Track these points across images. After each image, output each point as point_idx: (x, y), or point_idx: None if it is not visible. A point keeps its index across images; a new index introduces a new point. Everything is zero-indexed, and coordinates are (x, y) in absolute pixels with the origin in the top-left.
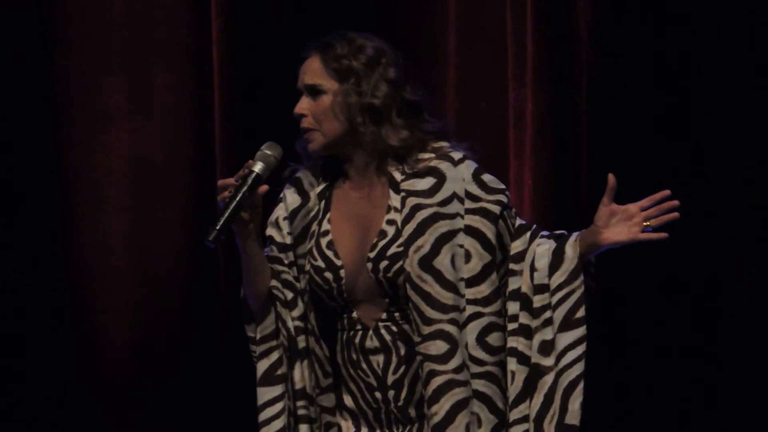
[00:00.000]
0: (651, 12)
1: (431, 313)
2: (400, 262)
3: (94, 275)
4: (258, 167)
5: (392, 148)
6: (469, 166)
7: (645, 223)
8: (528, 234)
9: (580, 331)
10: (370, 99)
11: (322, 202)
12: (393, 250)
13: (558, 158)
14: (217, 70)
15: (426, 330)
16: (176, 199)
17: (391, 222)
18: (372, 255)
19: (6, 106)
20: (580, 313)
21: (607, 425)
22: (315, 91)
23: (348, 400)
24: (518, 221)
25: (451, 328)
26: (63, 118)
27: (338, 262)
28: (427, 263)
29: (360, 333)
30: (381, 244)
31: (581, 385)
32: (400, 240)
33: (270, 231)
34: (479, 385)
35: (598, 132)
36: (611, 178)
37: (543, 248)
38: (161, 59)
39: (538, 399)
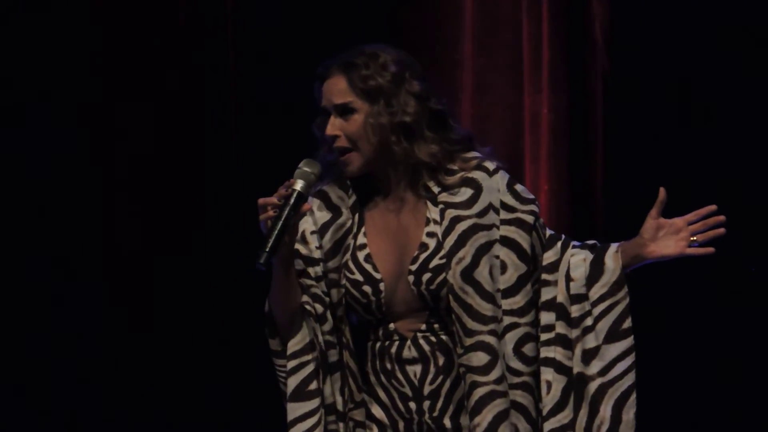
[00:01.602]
0: (666, 16)
1: (473, 324)
2: (443, 274)
3: (108, 266)
4: (299, 185)
5: (425, 162)
6: (503, 177)
7: (692, 238)
8: (559, 244)
9: (628, 342)
10: (401, 117)
11: (356, 216)
12: (435, 262)
13: (574, 163)
14: (233, 61)
15: (468, 341)
16: (191, 190)
17: (431, 234)
18: (414, 268)
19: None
20: (627, 323)
21: None
22: (346, 110)
23: (377, 411)
24: (548, 231)
25: (491, 339)
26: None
27: (377, 276)
28: (468, 275)
29: (397, 343)
30: (423, 256)
31: (634, 396)
32: (442, 252)
33: (296, 246)
34: (516, 395)
35: (614, 137)
36: (662, 191)
37: (577, 258)
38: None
39: (585, 409)
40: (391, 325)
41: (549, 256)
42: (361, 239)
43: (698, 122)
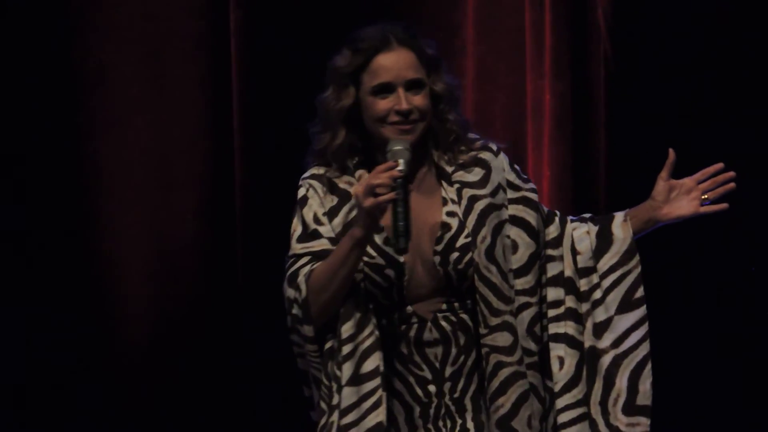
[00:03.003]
0: (667, 1)
1: (498, 304)
2: (470, 254)
3: (112, 265)
4: (403, 165)
5: (453, 133)
6: (505, 157)
7: (703, 197)
8: (557, 219)
9: (641, 311)
10: (448, 88)
11: None
12: (461, 241)
13: (576, 149)
14: (235, 62)
15: (494, 321)
16: (193, 189)
17: (451, 214)
18: (439, 248)
19: (24, 97)
20: (639, 293)
21: None
22: (419, 85)
23: (390, 401)
24: (545, 208)
25: (512, 320)
26: (81, 110)
27: (400, 258)
28: (490, 254)
29: (416, 326)
30: (447, 236)
31: (649, 366)
32: (466, 231)
33: (314, 226)
34: (532, 376)
35: (616, 123)
36: (671, 153)
37: (580, 231)
38: (179, 50)
39: (599, 382)
40: (409, 308)
41: (551, 231)
42: None
43: (700, 107)
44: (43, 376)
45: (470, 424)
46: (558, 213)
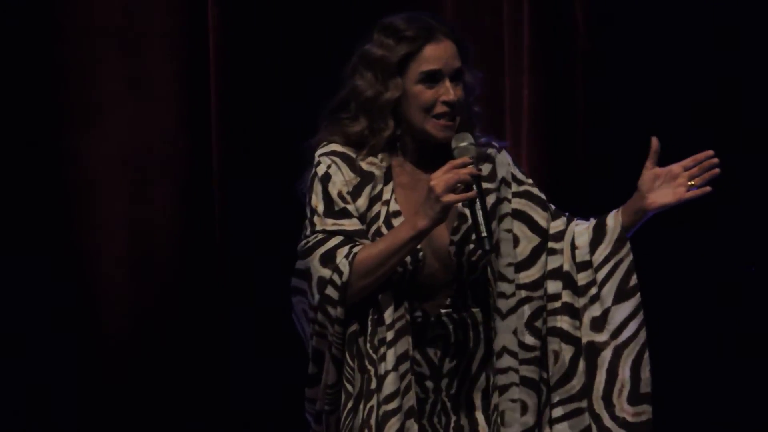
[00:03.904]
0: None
1: (497, 300)
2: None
3: (90, 261)
4: (475, 163)
5: (469, 130)
6: (506, 154)
7: (690, 183)
8: (564, 216)
9: (636, 299)
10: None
11: (389, 184)
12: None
13: (554, 146)
14: (213, 58)
15: (491, 316)
16: (171, 184)
17: (466, 205)
18: (456, 238)
19: (1, 92)
20: (633, 281)
21: None
22: (460, 76)
23: None
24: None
25: (510, 316)
26: (58, 106)
27: (418, 246)
28: (497, 248)
29: (419, 323)
30: (464, 227)
31: (647, 353)
32: None
33: (342, 204)
34: (527, 371)
35: (594, 119)
36: (655, 141)
37: (581, 227)
38: (157, 46)
39: (601, 376)
40: (410, 314)
41: (556, 225)
42: (394, 206)
43: (678, 104)
44: (20, 369)
45: (464, 421)
46: (567, 213)
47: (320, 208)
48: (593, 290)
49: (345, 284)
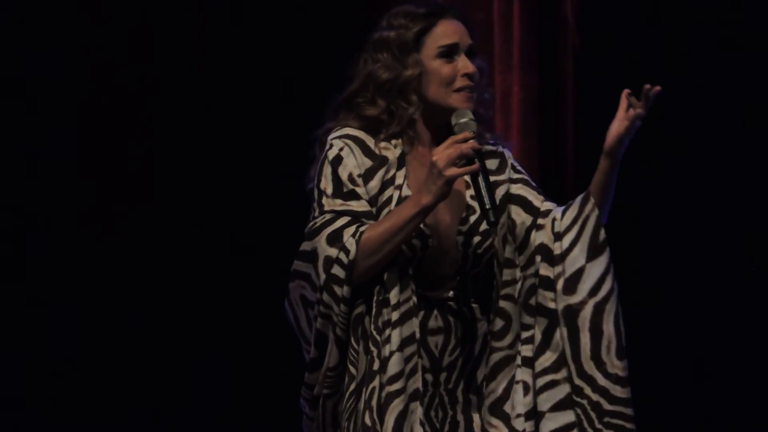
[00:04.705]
0: None
1: (501, 288)
2: (491, 240)
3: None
4: (476, 138)
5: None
6: (509, 150)
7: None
8: (555, 204)
9: (607, 254)
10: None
11: (402, 169)
12: (484, 226)
13: (544, 142)
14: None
15: (493, 306)
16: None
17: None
18: (464, 228)
19: None
20: (602, 235)
21: None
22: (473, 53)
23: None
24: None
25: (508, 305)
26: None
27: (426, 231)
28: (505, 240)
29: (422, 313)
30: (472, 218)
31: (620, 306)
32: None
33: (351, 186)
34: (526, 350)
35: (584, 115)
36: (624, 93)
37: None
38: (147, 47)
39: (585, 337)
40: (417, 293)
41: (546, 205)
42: (406, 191)
43: (667, 100)
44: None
45: (460, 417)
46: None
47: (329, 190)
48: (565, 254)
49: (352, 263)
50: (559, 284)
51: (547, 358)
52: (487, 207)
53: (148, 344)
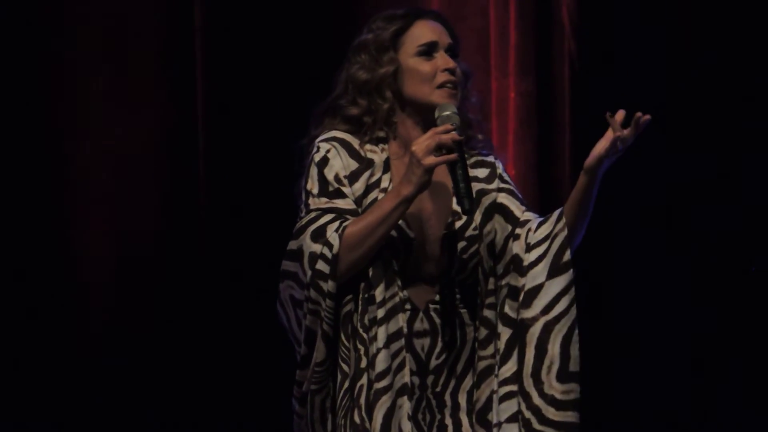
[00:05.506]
0: (633, 1)
1: (485, 297)
2: (476, 246)
3: (77, 261)
4: (457, 130)
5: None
6: (499, 159)
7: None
8: (536, 215)
9: (569, 276)
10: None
11: (389, 173)
12: (470, 232)
13: (541, 148)
14: (199, 59)
15: (478, 314)
16: (157, 187)
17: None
18: (449, 233)
19: None
20: (567, 256)
21: None
22: (456, 53)
23: None
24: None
25: (490, 313)
26: (44, 108)
27: (411, 234)
28: (492, 249)
29: (408, 314)
30: (458, 224)
31: (577, 331)
32: (474, 224)
33: (336, 186)
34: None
35: (581, 121)
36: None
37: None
38: (143, 48)
39: (530, 353)
40: (405, 293)
41: (526, 216)
42: None
43: (665, 106)
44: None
45: (448, 421)
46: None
47: (314, 190)
48: (530, 267)
49: (335, 257)
50: (521, 296)
51: (508, 369)
52: (462, 195)
53: (148, 344)
